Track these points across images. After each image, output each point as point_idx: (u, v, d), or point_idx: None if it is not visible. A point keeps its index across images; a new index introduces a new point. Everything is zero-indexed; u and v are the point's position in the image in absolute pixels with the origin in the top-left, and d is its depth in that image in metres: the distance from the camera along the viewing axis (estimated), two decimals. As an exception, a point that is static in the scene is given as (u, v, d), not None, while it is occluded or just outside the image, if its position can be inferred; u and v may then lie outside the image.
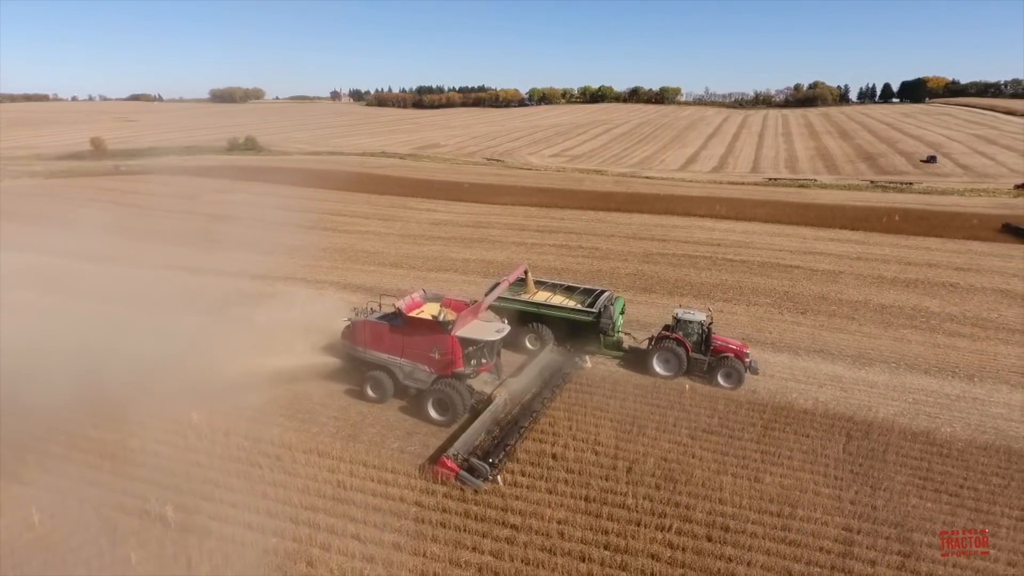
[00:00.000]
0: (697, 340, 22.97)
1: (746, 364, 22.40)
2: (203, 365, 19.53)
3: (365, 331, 20.33)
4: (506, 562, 13.03)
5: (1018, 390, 23.37)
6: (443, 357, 19.22)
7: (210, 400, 18.21)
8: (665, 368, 22.76)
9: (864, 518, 14.85)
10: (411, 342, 19.65)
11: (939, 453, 18.02)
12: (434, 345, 19.24)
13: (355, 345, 20.58)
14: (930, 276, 40.31)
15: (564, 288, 27.70)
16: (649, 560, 13.20)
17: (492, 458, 16.07)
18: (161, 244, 44.46)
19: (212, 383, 18.66)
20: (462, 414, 18.80)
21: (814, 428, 19.11)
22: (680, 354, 22.46)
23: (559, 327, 24.70)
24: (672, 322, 23.64)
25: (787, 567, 13.12)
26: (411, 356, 19.70)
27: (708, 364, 22.53)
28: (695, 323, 23.05)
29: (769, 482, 16.19)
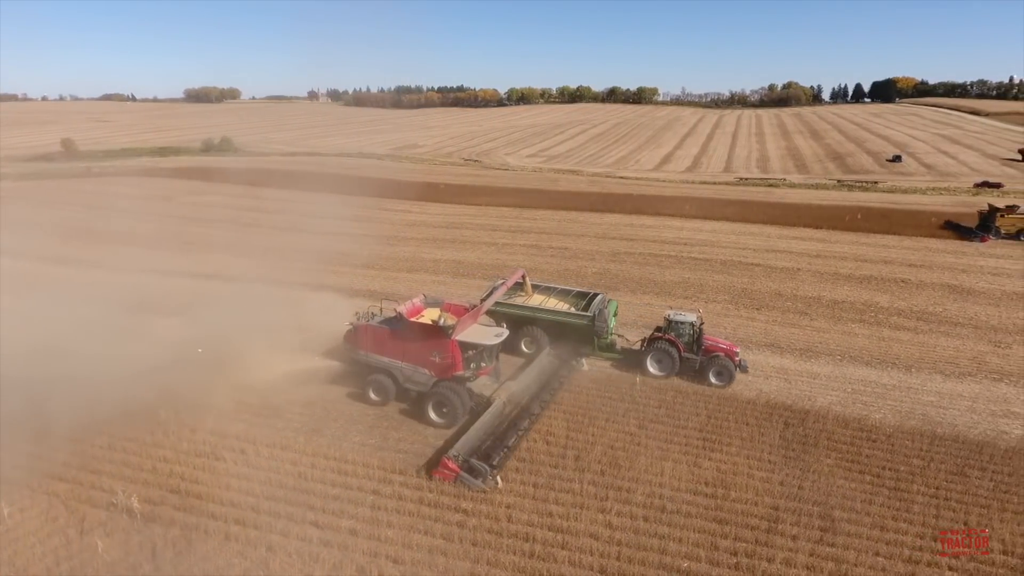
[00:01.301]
0: (689, 340, 23.59)
1: (736, 363, 23.09)
2: (168, 365, 20.14)
3: (367, 335, 20.81)
4: (455, 544, 13.96)
5: (950, 379, 24.88)
6: (443, 361, 19.64)
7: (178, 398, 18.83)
8: (659, 368, 23.37)
9: (791, 498, 16.05)
10: (412, 346, 20.02)
11: (868, 438, 19.33)
12: (434, 349, 19.64)
13: (357, 349, 21.02)
14: (884, 272, 42.00)
15: (558, 291, 27.97)
16: (589, 539, 14.23)
17: (492, 459, 16.57)
18: (134, 247, 44.57)
19: (179, 383, 19.27)
20: (462, 416, 19.24)
21: (755, 417, 20.33)
22: (673, 354, 23.08)
23: (554, 331, 25.03)
24: (664, 323, 24.31)
25: (714, 543, 14.23)
26: (412, 360, 20.07)
27: (700, 363, 23.13)
28: (686, 324, 23.74)
29: (707, 466, 17.33)
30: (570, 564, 13.40)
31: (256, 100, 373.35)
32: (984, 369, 26.03)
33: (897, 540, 14.57)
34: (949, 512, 15.71)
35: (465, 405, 19.37)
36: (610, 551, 13.85)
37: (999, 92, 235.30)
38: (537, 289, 28.01)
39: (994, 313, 33.77)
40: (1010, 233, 50.60)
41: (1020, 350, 28.61)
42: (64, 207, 60.14)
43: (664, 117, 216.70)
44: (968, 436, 19.75)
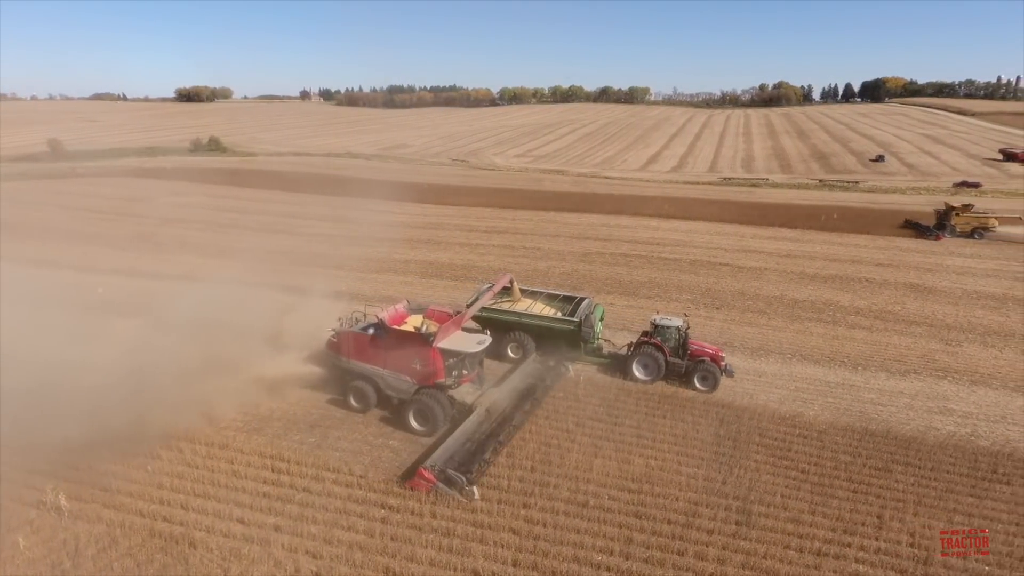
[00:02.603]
0: (674, 345, 23.59)
1: (722, 368, 23.03)
2: (118, 366, 20.31)
3: (349, 342, 20.67)
4: (375, 539, 14.29)
5: (894, 377, 25.35)
6: (424, 368, 19.45)
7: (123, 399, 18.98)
8: (644, 372, 23.32)
9: (712, 493, 16.44)
10: (393, 353, 19.83)
11: (800, 435, 19.75)
12: (416, 356, 19.46)
13: (339, 355, 20.91)
14: (850, 272, 42.53)
15: (545, 296, 27.87)
16: (508, 534, 14.57)
17: (469, 469, 16.32)
18: (106, 248, 44.74)
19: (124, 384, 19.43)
20: (443, 424, 18.98)
21: (692, 414, 20.74)
22: (658, 359, 23.05)
23: (540, 336, 24.85)
24: (650, 328, 24.33)
25: (630, 536, 14.60)
26: (393, 367, 19.86)
27: (685, 368, 23.07)
28: (672, 328, 23.72)
29: (637, 463, 17.71)
30: (484, 558, 13.73)
31: (248, 100, 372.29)
32: (930, 367, 26.52)
33: (809, 534, 14.97)
34: (865, 506, 16.13)
35: (446, 413, 19.12)
36: (526, 545, 14.20)
37: (987, 92, 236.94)
38: (524, 294, 27.76)
39: (951, 312, 34.31)
40: (965, 231, 51.48)
41: (970, 348, 29.14)
42: (41, 208, 60.10)
43: (654, 117, 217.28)
44: (899, 432, 20.21)
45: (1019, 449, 19.45)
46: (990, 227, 50.97)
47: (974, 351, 28.77)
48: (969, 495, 16.90)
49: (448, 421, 19.20)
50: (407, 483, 16.10)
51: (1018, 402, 23.17)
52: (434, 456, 16.59)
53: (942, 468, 18.09)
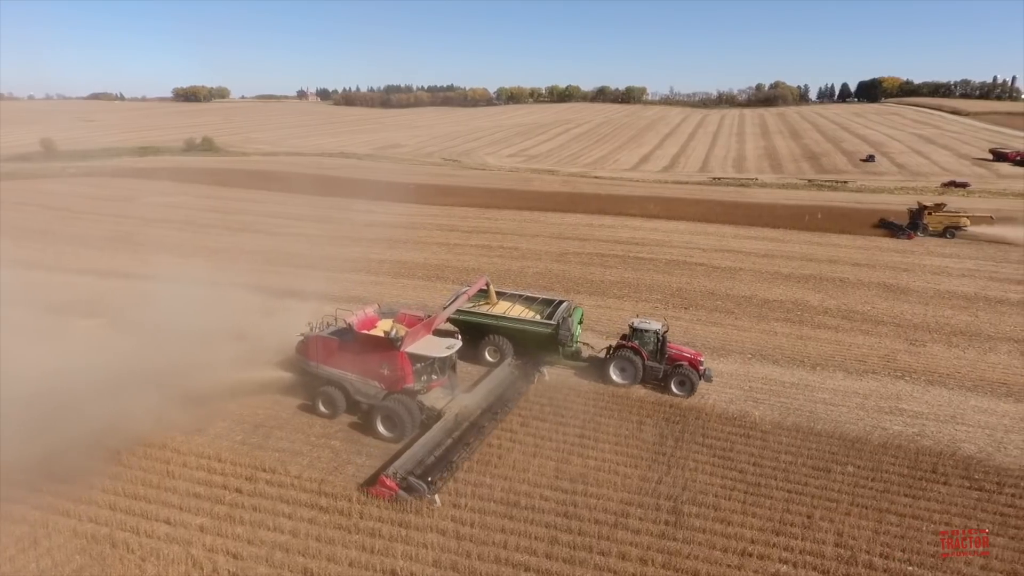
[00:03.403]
0: (653, 349, 23.31)
1: (700, 372, 22.75)
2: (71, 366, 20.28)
3: (317, 346, 20.30)
4: (300, 539, 14.29)
5: (852, 376, 25.35)
6: (393, 373, 19.25)
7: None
8: (622, 376, 23.09)
9: (646, 493, 16.43)
10: (361, 358, 19.62)
11: (744, 434, 19.75)
12: (384, 361, 19.25)
13: (307, 360, 20.58)
14: (825, 272, 42.52)
15: (524, 298, 27.57)
16: (434, 534, 14.57)
17: (432, 476, 16.07)
18: (82, 248, 44.75)
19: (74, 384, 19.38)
20: (411, 430, 18.70)
21: (638, 414, 20.73)
22: (636, 363, 22.79)
23: (518, 339, 24.51)
24: (628, 331, 24.00)
25: (555, 537, 14.58)
26: (362, 372, 19.68)
27: (663, 372, 22.84)
28: (650, 332, 23.39)
29: (575, 463, 17.70)
30: (405, 558, 13.72)
31: (246, 99, 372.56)
32: (890, 367, 26.51)
33: (737, 534, 14.96)
34: (798, 507, 16.12)
35: (415, 419, 18.84)
36: (450, 545, 14.20)
37: (982, 92, 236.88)
38: (503, 296, 27.50)
39: (920, 312, 34.31)
40: (937, 230, 51.63)
41: (934, 348, 29.14)
42: (22, 208, 60.05)
43: (648, 117, 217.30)
44: (845, 432, 20.20)
45: (962, 449, 19.45)
46: (962, 226, 51.09)
47: (937, 351, 28.77)
48: (905, 495, 16.88)
49: (417, 427, 18.87)
50: (368, 490, 15.84)
51: (971, 402, 23.17)
52: (397, 463, 16.26)
53: (881, 468, 18.07)
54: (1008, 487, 17.36)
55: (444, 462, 16.83)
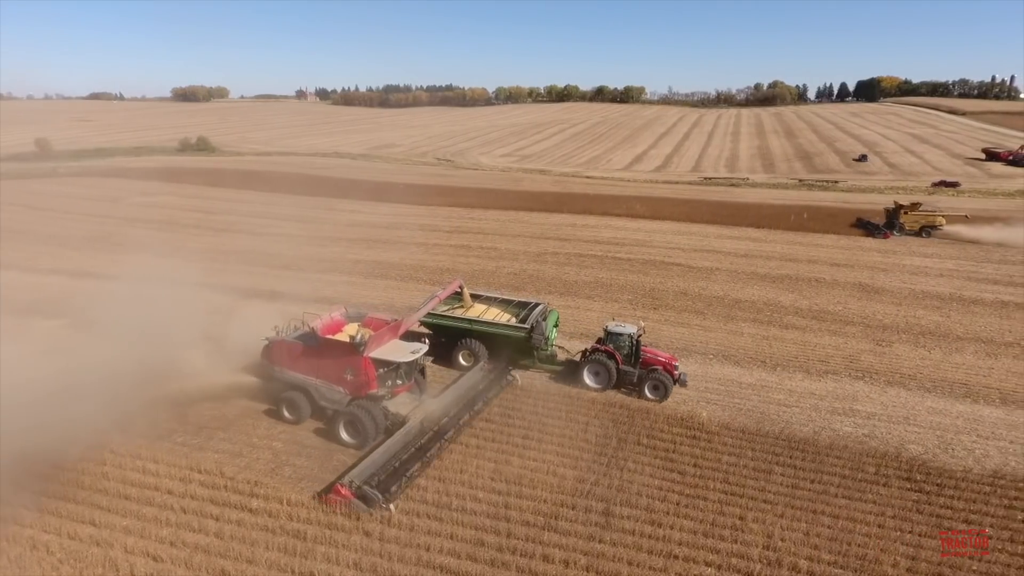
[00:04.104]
0: (628, 352, 22.98)
1: (675, 377, 22.49)
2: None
3: (281, 350, 20.00)
4: (224, 541, 14.24)
5: (811, 377, 25.26)
6: (356, 378, 18.95)
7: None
8: (595, 380, 22.76)
9: (580, 495, 16.35)
10: (325, 363, 19.32)
11: (690, 435, 19.66)
12: (347, 366, 18.99)
13: (272, 364, 20.24)
14: (803, 272, 42.39)
15: (499, 301, 27.26)
16: (360, 536, 14.51)
17: (390, 485, 15.75)
18: (59, 248, 44.76)
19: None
20: (374, 437, 18.35)
21: (585, 414, 20.64)
22: (610, 367, 22.46)
23: (492, 343, 24.22)
24: (603, 335, 23.65)
25: (482, 539, 14.52)
26: (326, 377, 19.36)
27: (637, 376, 22.55)
28: (625, 336, 23.04)
29: (515, 464, 17.63)
30: (326, 560, 13.67)
31: (245, 99, 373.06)
32: (852, 367, 26.42)
33: (666, 536, 14.88)
34: (733, 509, 16.03)
35: (379, 425, 18.50)
36: (374, 547, 14.14)
37: (980, 92, 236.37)
38: (479, 299, 27.25)
39: (892, 312, 34.21)
40: (913, 229, 51.62)
41: (900, 348, 29.03)
42: (8, 208, 59.96)
43: (645, 117, 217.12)
44: (793, 433, 20.11)
45: (908, 450, 19.36)
46: (937, 225, 51.06)
47: (903, 351, 28.66)
48: (843, 497, 16.79)
49: (380, 433, 18.54)
50: (323, 498, 15.63)
51: (927, 403, 23.07)
52: (354, 471, 15.97)
53: (823, 470, 17.97)
54: (948, 489, 17.28)
55: (402, 470, 16.45)
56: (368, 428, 18.32)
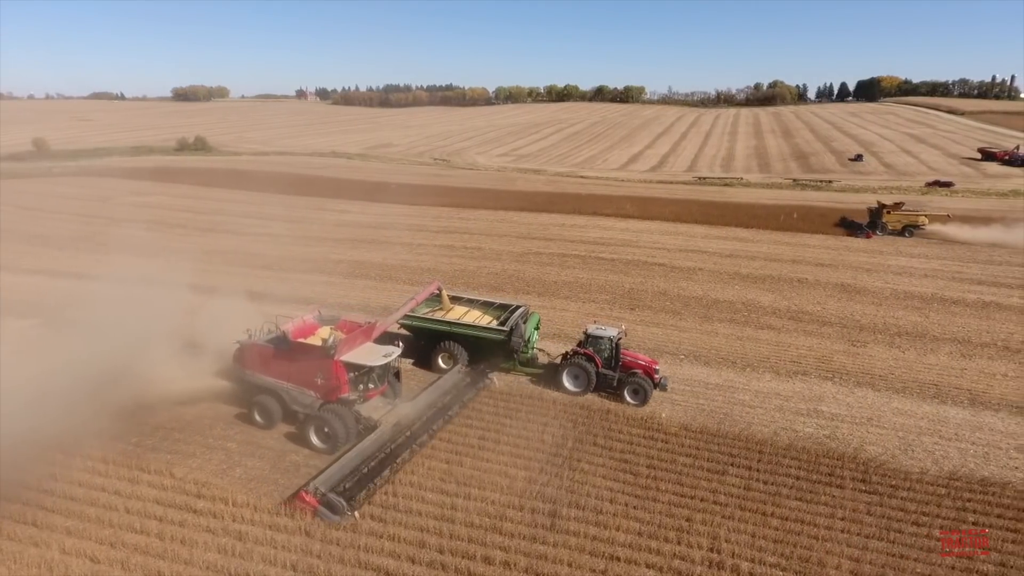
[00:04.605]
0: (608, 356, 22.71)
1: (656, 380, 22.24)
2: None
3: (252, 354, 19.85)
4: (165, 543, 14.19)
5: (780, 378, 25.12)
6: (327, 383, 18.84)
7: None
8: (575, 384, 22.52)
9: (530, 496, 16.25)
10: (296, 366, 19.17)
11: (648, 436, 19.55)
12: (318, 370, 18.84)
13: (243, 368, 20.09)
14: (786, 272, 42.24)
15: (481, 304, 27.09)
16: (301, 537, 14.45)
17: (357, 492, 15.59)
18: (42, 248, 44.83)
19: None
20: (345, 442, 18.11)
21: (544, 415, 20.54)
22: (589, 370, 22.21)
23: (471, 345, 24.03)
24: (583, 337, 23.39)
25: (423, 540, 14.44)
26: (297, 380, 19.23)
27: (617, 380, 22.29)
28: (605, 339, 22.74)
29: (467, 464, 17.54)
30: (263, 561, 13.61)
31: (245, 99, 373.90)
32: (823, 368, 26.28)
33: (611, 538, 14.78)
34: (682, 510, 15.91)
35: (350, 429, 18.24)
36: (314, 548, 14.08)
37: (981, 91, 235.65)
38: (459, 301, 27.13)
39: (871, 312, 34.07)
40: (896, 229, 51.55)
41: (874, 349, 28.89)
42: (-3, 207, 60.23)
43: (644, 116, 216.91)
44: (753, 434, 19.98)
45: (867, 451, 19.23)
46: (920, 225, 50.92)
47: (877, 352, 28.51)
48: (796, 499, 16.67)
49: (352, 438, 18.28)
50: (288, 505, 15.33)
51: (894, 403, 22.93)
52: (319, 478, 15.69)
53: (778, 471, 17.86)
54: (902, 490, 17.15)
55: (371, 477, 16.25)
56: (338, 433, 18.08)
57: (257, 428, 19.51)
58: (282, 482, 16.79)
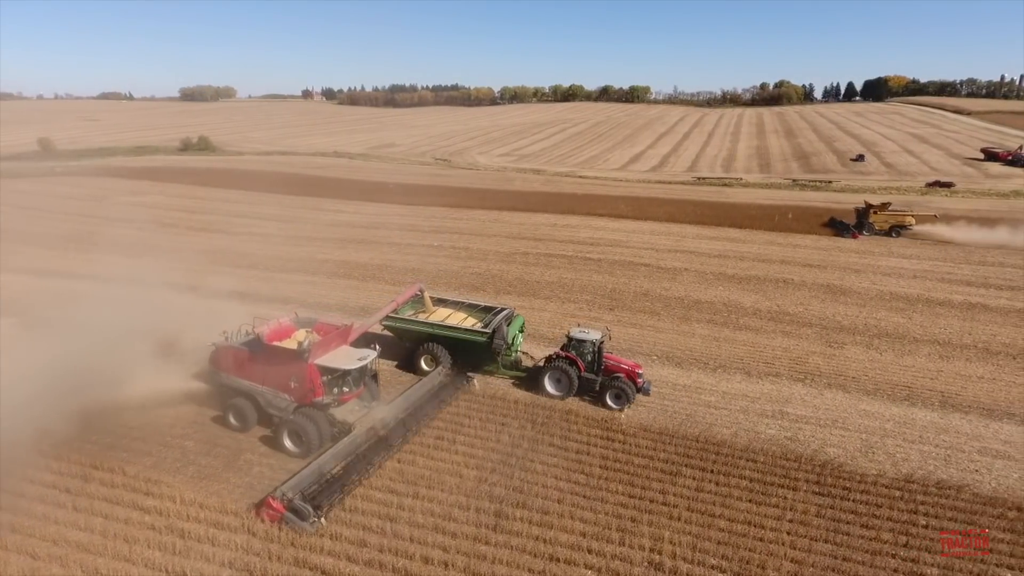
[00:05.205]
0: (591, 360, 22.47)
1: (639, 385, 22.07)
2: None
3: (227, 356, 19.75)
4: (107, 540, 14.26)
5: (750, 379, 24.97)
6: (301, 386, 18.72)
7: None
8: (556, 388, 22.31)
9: (478, 496, 16.23)
10: (271, 369, 19.07)
11: (605, 436, 19.47)
12: (292, 373, 18.73)
13: (219, 370, 20.00)
14: (773, 272, 42.02)
15: (466, 306, 26.85)
16: (245, 535, 14.48)
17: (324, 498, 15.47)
18: (31, 247, 45.15)
19: None
20: (318, 446, 18.00)
21: (503, 414, 20.54)
22: (571, 374, 22.02)
23: (454, 348, 23.89)
24: (566, 341, 23.13)
25: (364, 539, 14.47)
26: (272, 384, 19.12)
27: (600, 384, 22.09)
28: (588, 342, 22.48)
29: (421, 464, 17.56)
30: (202, 559, 13.67)
31: (252, 99, 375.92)
32: (796, 370, 26.12)
33: (554, 539, 14.73)
34: (629, 511, 15.84)
35: (323, 433, 18.17)
36: (254, 546, 14.12)
37: (989, 91, 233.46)
38: (444, 304, 27.06)
39: (853, 313, 33.86)
40: (883, 229, 51.27)
41: (851, 350, 28.71)
42: (-8, 207, 60.76)
43: (648, 116, 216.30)
44: (713, 436, 19.86)
45: (826, 453, 19.10)
46: (907, 225, 50.58)
47: (854, 353, 28.33)
48: (748, 500, 16.57)
49: (325, 441, 18.20)
50: (255, 511, 15.22)
51: (862, 405, 22.75)
52: (287, 484, 15.54)
53: (732, 472, 17.76)
54: (856, 493, 17.01)
55: (341, 481, 16.14)
56: (312, 437, 17.95)
57: (216, 427, 19.59)
58: (233, 480, 16.86)
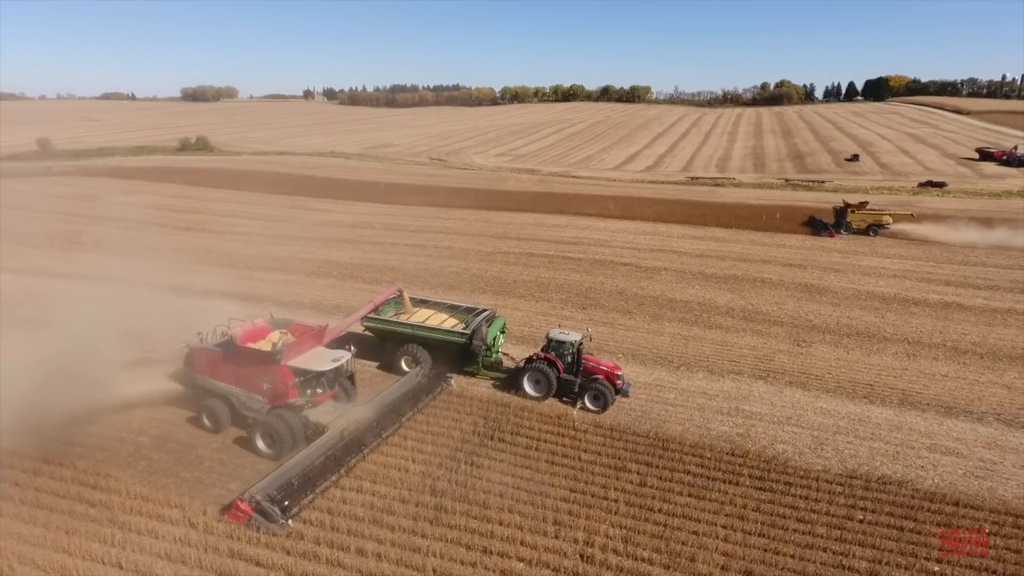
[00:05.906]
0: (570, 361, 22.41)
1: (617, 386, 22.02)
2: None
3: (201, 358, 19.83)
4: (49, 532, 14.54)
5: (712, 376, 25.14)
6: (274, 387, 18.75)
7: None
8: (536, 389, 22.32)
9: (420, 490, 16.45)
10: (244, 371, 19.12)
11: (556, 432, 19.68)
12: (265, 375, 18.76)
13: (193, 371, 20.09)
14: (752, 272, 42.12)
15: (447, 307, 26.90)
16: (186, 527, 14.77)
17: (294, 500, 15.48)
18: (12, 245, 45.22)
19: None
20: (291, 447, 17.95)
21: (459, 411, 20.77)
22: (550, 375, 21.97)
23: (434, 349, 23.89)
24: (545, 342, 23.05)
25: (301, 531, 14.73)
26: (245, 385, 19.16)
27: (579, 385, 22.03)
28: (567, 343, 22.41)
29: (368, 459, 17.80)
30: (139, 551, 13.92)
31: (254, 99, 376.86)
32: (760, 368, 26.27)
33: (490, 532, 14.94)
34: (569, 506, 16.04)
35: (296, 435, 18.11)
36: (192, 538, 14.36)
37: (989, 91, 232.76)
38: (427, 304, 27.17)
39: (825, 312, 33.98)
40: (860, 228, 51.39)
41: (819, 349, 28.84)
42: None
43: (647, 116, 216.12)
44: (663, 432, 20.05)
45: (774, 449, 19.27)
46: (884, 223, 50.68)
47: (821, 352, 28.45)
48: (689, 495, 16.75)
49: (299, 443, 18.15)
50: (225, 514, 15.27)
51: (819, 403, 22.91)
52: (256, 486, 15.49)
53: (678, 468, 17.94)
54: (797, 488, 17.17)
55: (312, 483, 16.13)
56: (284, 438, 17.92)
57: (173, 424, 19.84)
58: (183, 474, 17.13)
